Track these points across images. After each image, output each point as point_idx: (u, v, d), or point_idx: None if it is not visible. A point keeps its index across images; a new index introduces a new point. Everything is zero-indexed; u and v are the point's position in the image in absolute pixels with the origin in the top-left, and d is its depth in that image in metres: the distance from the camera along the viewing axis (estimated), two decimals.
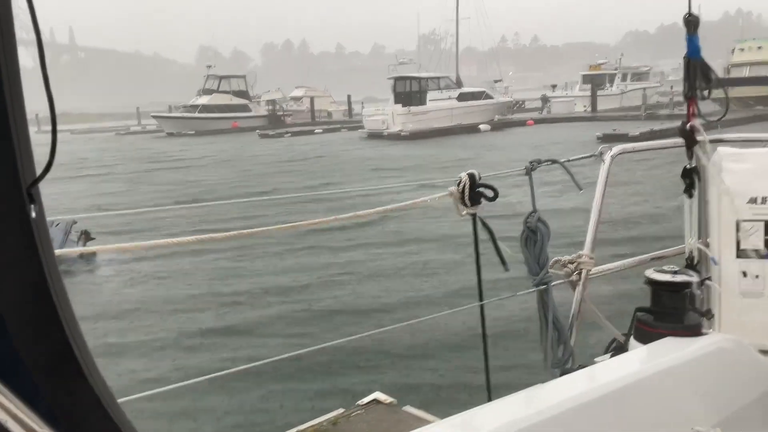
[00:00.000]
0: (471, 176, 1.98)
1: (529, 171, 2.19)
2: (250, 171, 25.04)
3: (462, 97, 43.21)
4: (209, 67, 61.85)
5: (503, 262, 2.11)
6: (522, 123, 43.96)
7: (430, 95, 41.72)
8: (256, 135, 47.43)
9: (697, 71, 2.21)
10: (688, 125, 2.27)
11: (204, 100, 56.94)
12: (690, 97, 2.24)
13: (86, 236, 10.95)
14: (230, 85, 59.39)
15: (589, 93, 48.15)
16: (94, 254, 10.81)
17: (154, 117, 58.36)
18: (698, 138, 2.27)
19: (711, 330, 2.44)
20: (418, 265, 9.92)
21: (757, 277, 2.40)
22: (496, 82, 58.33)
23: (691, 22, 2.20)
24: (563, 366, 2.12)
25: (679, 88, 2.39)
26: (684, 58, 2.24)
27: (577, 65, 63.48)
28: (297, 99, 65.62)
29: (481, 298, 2.18)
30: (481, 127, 40.91)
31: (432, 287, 8.69)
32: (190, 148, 39.10)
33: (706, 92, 2.23)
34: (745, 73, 41.55)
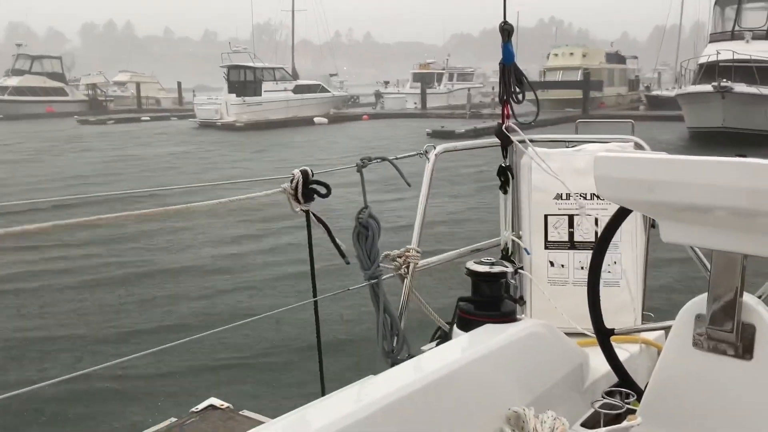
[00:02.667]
0: (304, 173, 2.00)
1: (360, 168, 2.24)
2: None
3: (298, 90, 43.06)
4: (19, 45, 56.29)
5: (342, 255, 2.16)
6: (357, 117, 44.81)
7: (265, 86, 41.08)
8: (74, 121, 43.91)
9: (511, 76, 2.41)
10: (503, 126, 2.46)
11: (14, 81, 51.71)
12: (505, 100, 2.43)
13: None
14: (43, 67, 54.47)
15: (419, 91, 50.16)
16: None
17: None
18: (512, 138, 2.47)
19: (524, 315, 2.66)
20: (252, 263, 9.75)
21: (562, 266, 2.66)
22: (331, 76, 58.80)
23: (506, 31, 2.38)
24: (396, 356, 2.21)
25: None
26: (499, 63, 2.43)
27: (407, 64, 65.84)
28: (121, 84, 61.74)
29: (315, 294, 2.21)
30: (317, 120, 41.08)
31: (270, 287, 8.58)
32: None
33: (519, 96, 2.43)
34: (558, 76, 45.46)
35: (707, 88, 24.32)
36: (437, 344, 2.28)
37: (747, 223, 1.47)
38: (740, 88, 23.87)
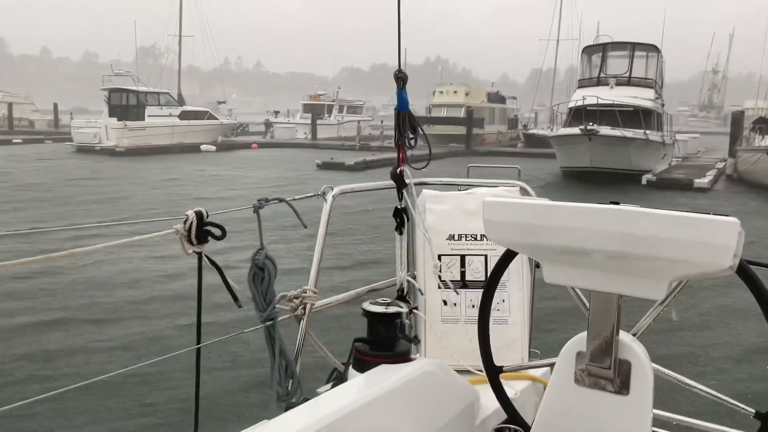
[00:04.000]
0: (198, 214, 1.95)
1: (256, 209, 2.22)
2: None
3: (184, 116, 41.87)
4: None
5: (235, 298, 2.10)
6: (247, 146, 44.16)
7: (149, 110, 39.63)
8: None
9: (406, 122, 2.49)
10: (398, 170, 2.53)
11: None
12: (400, 145, 2.50)
13: None
14: None
15: (309, 121, 50.33)
16: None
17: None
18: (406, 181, 2.54)
19: (418, 355, 2.71)
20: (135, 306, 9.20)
21: (455, 305, 2.74)
22: (220, 103, 57.73)
23: (401, 79, 2.47)
24: (290, 399, 2.17)
25: (388, 122, 2.68)
26: (395, 110, 2.50)
27: (298, 94, 65.93)
28: None
29: (198, 341, 2.14)
30: (204, 147, 40.09)
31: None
32: None
33: (412, 142, 2.52)
34: (444, 113, 47.21)
35: (575, 130, 26.08)
36: (333, 386, 2.27)
37: (621, 265, 1.59)
38: (605, 130, 25.78)
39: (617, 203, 1.62)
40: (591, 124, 25.64)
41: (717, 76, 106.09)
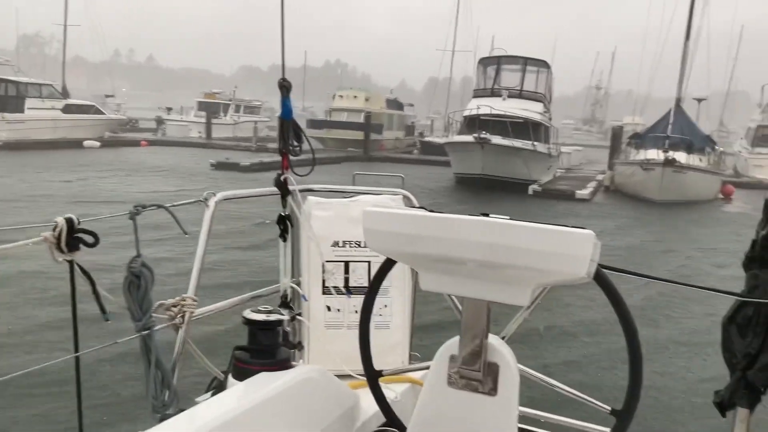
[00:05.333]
0: (69, 221, 1.87)
1: (133, 215, 2.16)
2: None
3: (68, 109, 39.51)
4: None
5: (102, 310, 2.03)
6: (135, 143, 42.30)
7: (29, 103, 37.10)
8: None
9: (289, 130, 2.50)
10: (282, 177, 2.53)
11: None
12: (283, 152, 2.51)
13: None
14: None
15: (204, 120, 48.91)
16: None
17: None
18: (290, 188, 2.55)
19: (301, 361, 2.72)
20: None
21: (339, 310, 2.78)
22: (107, 97, 55.02)
23: (285, 87, 2.47)
24: (166, 410, 2.12)
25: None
26: (278, 118, 2.51)
27: (193, 91, 63.94)
28: None
29: (76, 350, 2.05)
30: (87, 143, 37.96)
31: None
32: None
33: (297, 149, 2.53)
34: (344, 117, 47.28)
35: (469, 138, 26.98)
36: (212, 395, 2.24)
37: (490, 273, 1.68)
38: (497, 140, 26.83)
39: (487, 215, 1.71)
40: (484, 133, 26.57)
41: (600, 92, 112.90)
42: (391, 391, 2.43)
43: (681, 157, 26.16)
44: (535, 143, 28.73)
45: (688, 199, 25.84)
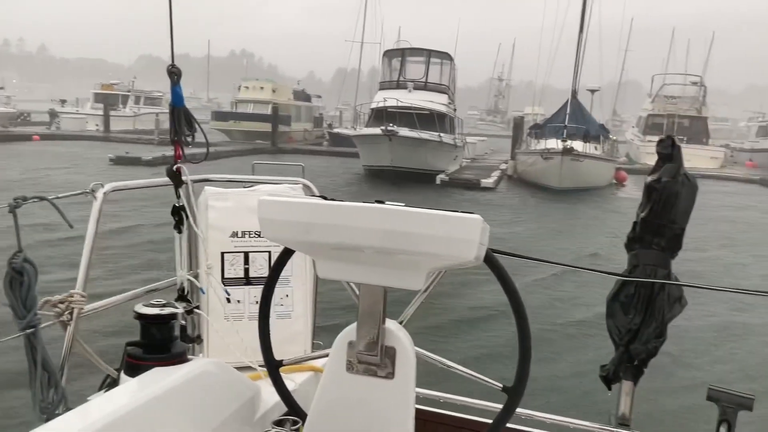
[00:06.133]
0: None
1: (13, 208, 2.04)
2: None
3: None
4: None
5: None
6: (28, 137, 39.82)
7: None
8: None
9: (181, 118, 2.43)
10: (175, 167, 2.46)
11: None
12: (176, 141, 2.43)
13: None
14: None
15: (101, 112, 46.73)
16: None
17: None
18: (183, 179, 2.48)
19: (201, 354, 2.67)
20: None
21: (239, 302, 2.74)
22: None
23: (174, 74, 2.39)
24: (54, 410, 2.03)
25: (197, 116, 2.58)
26: (169, 105, 2.43)
27: (89, 82, 60.86)
28: None
29: None
30: None
31: None
32: None
33: (189, 138, 2.46)
34: (250, 109, 46.40)
35: (377, 131, 27.18)
36: (104, 393, 2.16)
37: (385, 259, 1.71)
38: (404, 132, 27.17)
39: (382, 202, 1.73)
40: (391, 125, 26.83)
41: (502, 83, 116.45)
42: (292, 381, 2.43)
43: (578, 145, 27.38)
44: (442, 134, 29.29)
45: (585, 186, 27.13)
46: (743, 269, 14.53)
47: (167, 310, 2.01)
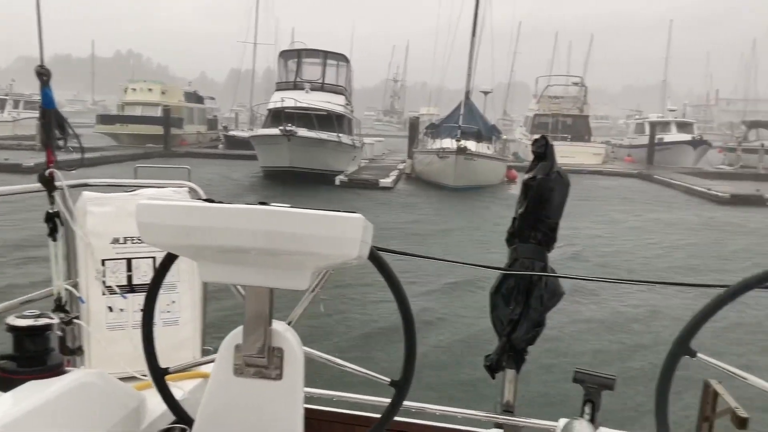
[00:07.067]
0: None
1: None
2: None
3: None
4: None
5: None
6: None
7: None
8: None
9: (52, 121, 2.31)
10: (47, 172, 2.34)
11: None
12: (48, 145, 2.32)
13: None
14: None
15: None
16: None
17: None
18: (57, 184, 2.37)
19: (82, 366, 2.56)
20: None
21: (122, 310, 2.64)
22: None
23: (43, 75, 2.28)
24: None
25: (77, 119, 2.45)
26: (40, 108, 2.31)
27: None
28: None
29: None
30: None
31: None
32: None
33: (61, 142, 2.35)
34: (138, 111, 44.55)
35: (275, 131, 26.88)
36: None
37: (269, 260, 1.72)
38: (303, 132, 27.04)
39: (265, 203, 1.74)
40: (290, 125, 26.61)
41: (397, 84, 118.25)
42: (180, 389, 2.38)
43: (471, 145, 28.25)
44: (340, 135, 29.37)
45: (479, 184, 28.04)
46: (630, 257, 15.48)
47: (42, 321, 1.92)
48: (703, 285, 2.29)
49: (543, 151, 2.67)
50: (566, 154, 39.28)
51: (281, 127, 26.51)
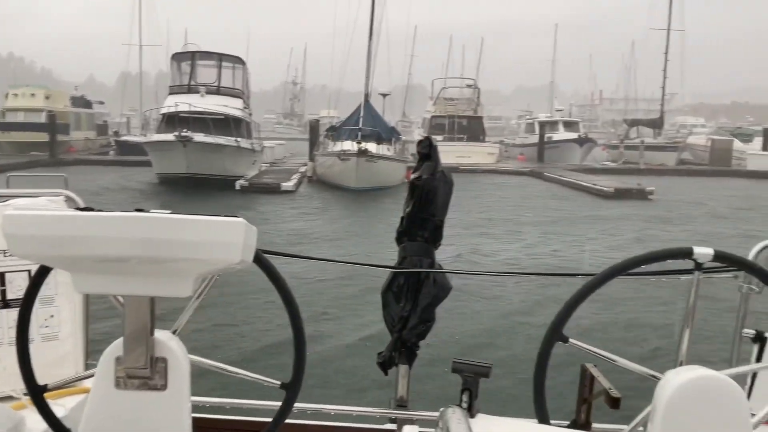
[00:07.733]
0: None
1: None
2: None
3: None
4: None
5: None
6: None
7: None
8: None
9: None
10: None
11: None
12: None
13: None
14: None
15: None
16: None
17: None
18: None
19: None
20: None
21: None
22: None
23: None
24: None
25: None
26: None
27: None
28: None
29: None
30: None
31: None
32: None
33: None
34: (21, 118, 41.98)
35: (170, 137, 26.02)
36: None
37: (149, 268, 1.68)
38: (200, 137, 26.33)
39: (142, 210, 1.70)
40: (185, 130, 25.84)
41: (296, 87, 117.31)
42: (62, 407, 2.28)
43: (372, 147, 28.51)
44: (239, 139, 28.83)
45: (380, 185, 28.32)
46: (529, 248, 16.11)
47: None
48: (574, 274, 2.45)
49: (428, 152, 2.76)
50: (463, 154, 40.41)
51: (176, 133, 25.70)
